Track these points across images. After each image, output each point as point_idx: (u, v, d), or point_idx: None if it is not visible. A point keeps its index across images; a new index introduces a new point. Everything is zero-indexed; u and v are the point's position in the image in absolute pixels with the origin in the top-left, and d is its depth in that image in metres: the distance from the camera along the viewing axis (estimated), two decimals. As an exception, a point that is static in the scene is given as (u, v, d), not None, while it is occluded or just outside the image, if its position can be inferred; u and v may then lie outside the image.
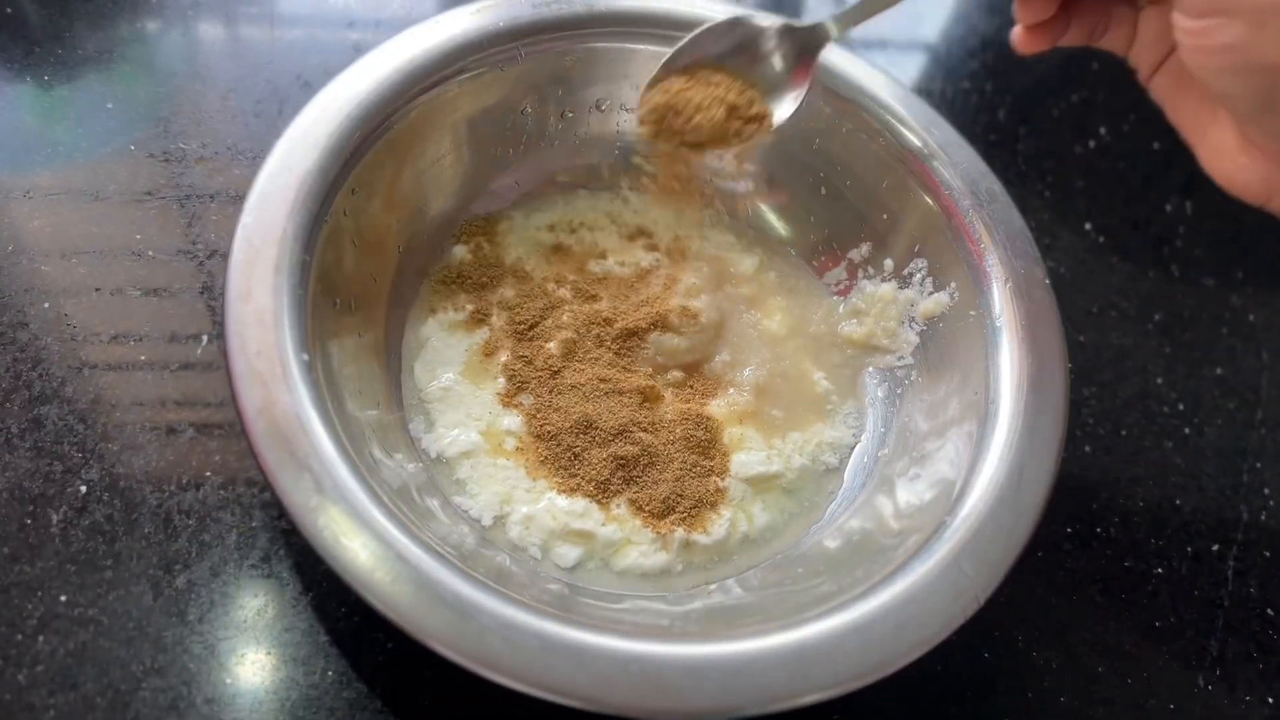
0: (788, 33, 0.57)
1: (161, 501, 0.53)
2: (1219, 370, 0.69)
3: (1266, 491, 0.65)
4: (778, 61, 0.58)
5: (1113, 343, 0.69)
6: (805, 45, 0.57)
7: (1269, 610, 0.60)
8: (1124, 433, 0.66)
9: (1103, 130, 0.81)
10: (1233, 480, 0.65)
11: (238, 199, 0.62)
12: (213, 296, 0.59)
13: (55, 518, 0.51)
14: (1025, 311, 0.54)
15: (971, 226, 0.57)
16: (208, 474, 0.54)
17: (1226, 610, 0.60)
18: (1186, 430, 0.66)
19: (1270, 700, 0.57)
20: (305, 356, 0.46)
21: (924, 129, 0.59)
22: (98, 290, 0.58)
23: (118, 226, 0.61)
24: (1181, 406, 0.67)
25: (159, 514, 0.52)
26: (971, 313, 0.56)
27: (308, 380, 0.45)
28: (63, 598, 0.50)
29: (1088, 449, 0.64)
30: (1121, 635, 0.58)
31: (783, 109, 0.58)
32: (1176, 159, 0.79)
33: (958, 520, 0.48)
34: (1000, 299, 0.55)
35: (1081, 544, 0.61)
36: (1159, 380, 0.68)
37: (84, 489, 0.52)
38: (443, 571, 0.42)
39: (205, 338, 0.58)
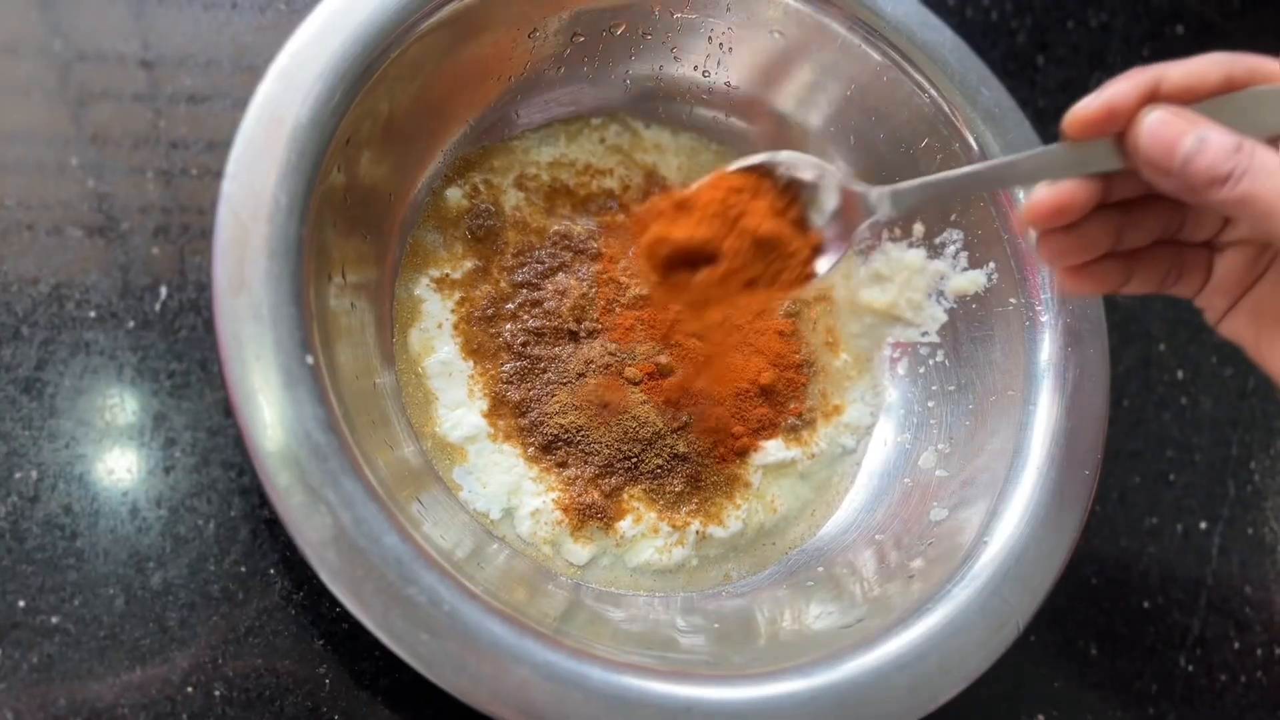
0: (840, 189, 0.43)
1: (126, 489, 0.47)
2: (1219, 337, 0.68)
3: (1252, 465, 0.65)
4: (819, 215, 0.43)
5: (1118, 303, 0.67)
6: (852, 209, 0.43)
7: (1247, 588, 0.62)
8: (1126, 403, 0.65)
9: (1121, 62, 0.77)
10: (1222, 454, 0.65)
11: (185, 120, 0.54)
12: (169, 239, 0.51)
13: (3, 510, 0.45)
14: (1071, 309, 0.51)
15: (1018, 205, 0.53)
16: (176, 454, 0.48)
17: (1210, 589, 0.61)
18: (1184, 400, 0.66)
19: (1243, 679, 0.59)
20: (309, 360, 0.40)
21: (975, 88, 0.54)
22: (31, 231, 0.50)
23: (49, 151, 0.52)
24: (1181, 374, 0.66)
25: (124, 503, 0.47)
26: (1012, 300, 0.53)
27: (314, 391, 0.40)
28: (21, 603, 0.44)
29: (1091, 422, 0.63)
30: (1114, 616, 0.59)
31: (820, 265, 0.43)
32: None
33: (996, 542, 0.46)
34: (1046, 290, 0.52)
35: (1080, 523, 0.60)
36: (1161, 346, 0.67)
37: (35, 474, 0.46)
38: (480, 616, 0.38)
39: (164, 289, 0.51)
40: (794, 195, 0.43)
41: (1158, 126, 0.35)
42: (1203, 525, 0.63)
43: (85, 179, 0.51)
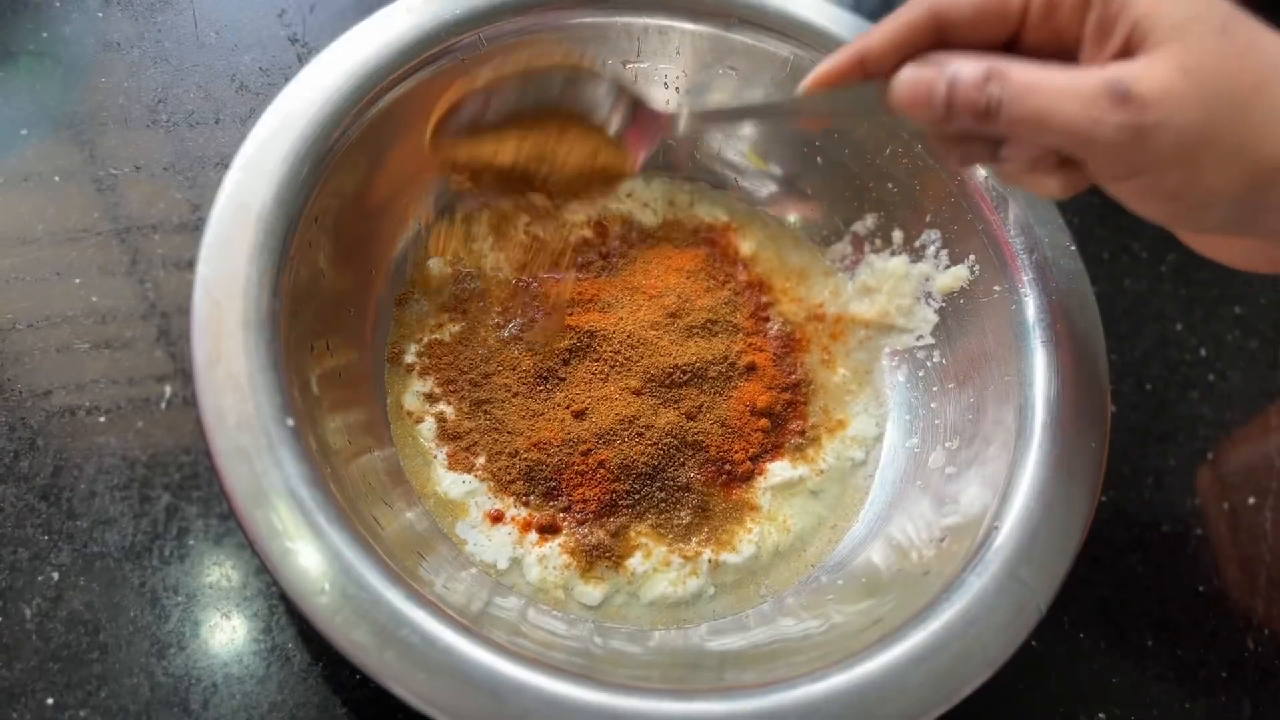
0: (631, 107, 0.48)
1: (144, 579, 0.48)
2: (1237, 309, 0.67)
3: (1296, 434, 0.63)
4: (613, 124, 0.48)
5: (1128, 289, 0.66)
6: (647, 126, 0.48)
7: (1311, 560, 0.59)
8: (1148, 387, 0.63)
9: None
10: (1261, 426, 0.63)
11: (183, 227, 0.57)
12: (170, 341, 0.54)
13: (29, 611, 0.47)
14: (1055, 286, 0.50)
15: (987, 192, 0.53)
16: (190, 542, 0.49)
17: (1269, 565, 0.58)
18: (1211, 377, 0.64)
19: (1318, 656, 0.56)
20: (290, 422, 0.41)
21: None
22: (41, 349, 0.53)
23: (52, 271, 0.55)
24: (1203, 352, 0.65)
25: (143, 594, 0.48)
26: (996, 288, 0.52)
27: (296, 450, 0.41)
28: (49, 700, 0.45)
29: (1114, 409, 0.61)
30: (1167, 605, 0.56)
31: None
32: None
33: (1008, 525, 0.45)
34: (1027, 272, 0.51)
35: (1117, 512, 0.58)
36: (1178, 326, 0.65)
37: (56, 575, 0.48)
38: (474, 650, 0.38)
39: (168, 387, 0.53)
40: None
41: (909, 84, 0.35)
42: (1251, 500, 0.60)
43: (88, 295, 0.54)
